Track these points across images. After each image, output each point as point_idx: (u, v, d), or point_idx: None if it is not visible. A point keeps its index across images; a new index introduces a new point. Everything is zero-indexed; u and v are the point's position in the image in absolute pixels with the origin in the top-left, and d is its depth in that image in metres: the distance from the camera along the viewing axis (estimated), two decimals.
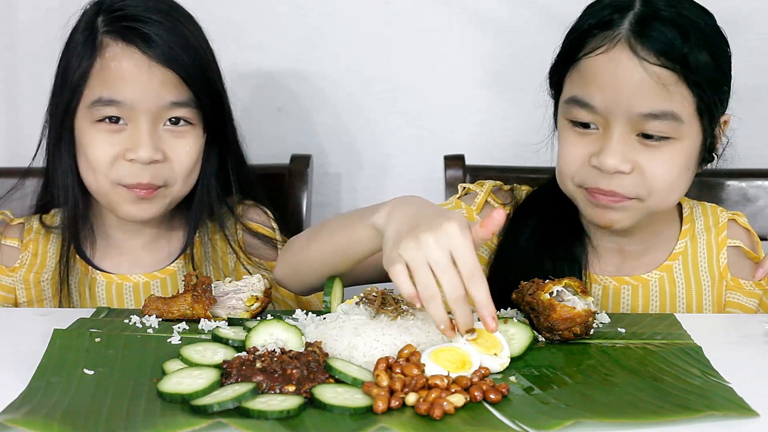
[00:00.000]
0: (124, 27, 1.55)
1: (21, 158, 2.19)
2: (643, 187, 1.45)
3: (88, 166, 1.57)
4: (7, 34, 2.16)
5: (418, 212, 1.26)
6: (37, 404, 1.06)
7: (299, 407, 1.04)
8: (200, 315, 1.36)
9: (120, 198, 1.57)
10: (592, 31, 1.46)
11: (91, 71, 1.55)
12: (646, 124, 1.42)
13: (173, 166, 1.58)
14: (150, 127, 1.55)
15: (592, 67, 1.45)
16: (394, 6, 2.13)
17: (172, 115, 1.57)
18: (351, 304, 1.27)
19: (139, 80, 1.54)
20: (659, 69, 1.41)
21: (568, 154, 1.49)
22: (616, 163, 1.43)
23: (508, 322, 1.28)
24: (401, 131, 2.19)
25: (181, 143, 1.58)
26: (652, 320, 1.38)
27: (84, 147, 1.56)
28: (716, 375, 1.16)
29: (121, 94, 1.53)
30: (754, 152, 2.13)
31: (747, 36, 2.09)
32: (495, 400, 1.07)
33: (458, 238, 1.17)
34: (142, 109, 1.54)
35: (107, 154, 1.55)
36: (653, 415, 1.04)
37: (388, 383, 1.08)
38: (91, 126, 1.55)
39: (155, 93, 1.54)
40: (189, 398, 1.06)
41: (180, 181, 1.59)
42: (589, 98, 1.45)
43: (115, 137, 1.55)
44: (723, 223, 1.63)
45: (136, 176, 1.55)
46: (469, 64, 2.14)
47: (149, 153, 1.54)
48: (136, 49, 1.54)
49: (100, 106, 1.54)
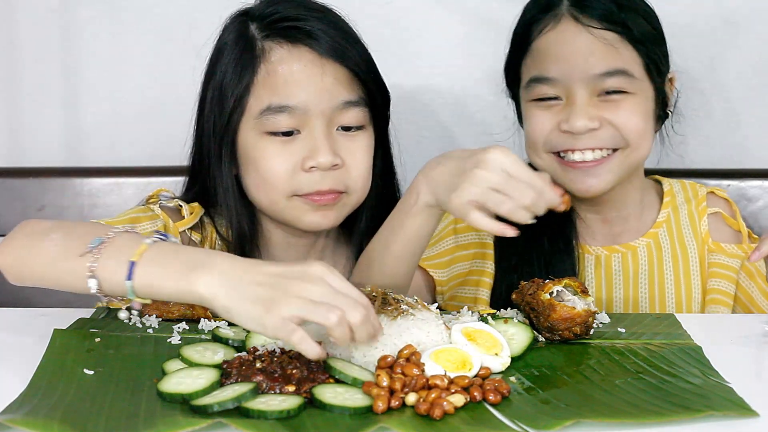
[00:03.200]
0: (285, 27, 1.48)
1: (21, 158, 2.20)
2: (618, 137, 1.57)
3: (260, 181, 1.48)
4: (7, 34, 2.16)
5: (455, 164, 1.33)
6: (37, 404, 1.06)
7: (299, 407, 1.04)
8: (200, 315, 1.36)
9: (299, 211, 1.49)
10: (535, 17, 1.61)
11: (255, 80, 1.47)
12: (603, 83, 1.55)
13: (350, 172, 1.50)
14: (325, 131, 1.47)
15: (543, 46, 1.59)
16: (394, 6, 2.13)
17: (345, 116, 1.49)
18: None
19: (311, 81, 1.46)
20: (604, 32, 1.55)
21: (536, 125, 1.60)
22: (584, 123, 1.55)
23: (508, 322, 1.28)
24: (401, 131, 2.19)
25: (356, 146, 1.50)
26: (652, 320, 1.38)
27: (255, 161, 1.48)
28: (716, 375, 1.16)
29: (293, 98, 1.46)
30: (754, 152, 2.14)
31: (747, 36, 2.09)
32: (495, 401, 1.07)
33: (504, 158, 1.28)
34: (316, 111, 1.46)
35: (283, 166, 1.47)
36: (653, 415, 1.04)
37: (388, 383, 1.08)
38: (260, 138, 1.47)
39: (328, 92, 1.47)
40: (189, 398, 1.06)
41: (359, 187, 1.52)
42: (546, 72, 1.58)
43: (289, 147, 1.47)
44: (702, 195, 1.75)
45: (317, 184, 1.47)
46: (469, 64, 2.14)
47: (329, 158, 1.46)
48: (304, 47, 1.47)
49: (270, 115, 1.46)
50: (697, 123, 2.06)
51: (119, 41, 2.15)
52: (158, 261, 1.16)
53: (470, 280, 1.72)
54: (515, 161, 1.29)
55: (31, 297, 1.90)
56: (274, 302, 1.08)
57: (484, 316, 1.32)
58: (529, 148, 1.65)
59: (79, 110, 2.19)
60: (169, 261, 1.16)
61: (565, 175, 1.60)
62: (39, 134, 2.20)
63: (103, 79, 2.17)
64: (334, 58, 1.48)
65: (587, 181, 1.58)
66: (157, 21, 2.13)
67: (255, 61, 1.47)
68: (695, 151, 2.10)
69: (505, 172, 1.28)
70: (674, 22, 1.67)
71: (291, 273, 1.11)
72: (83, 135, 2.18)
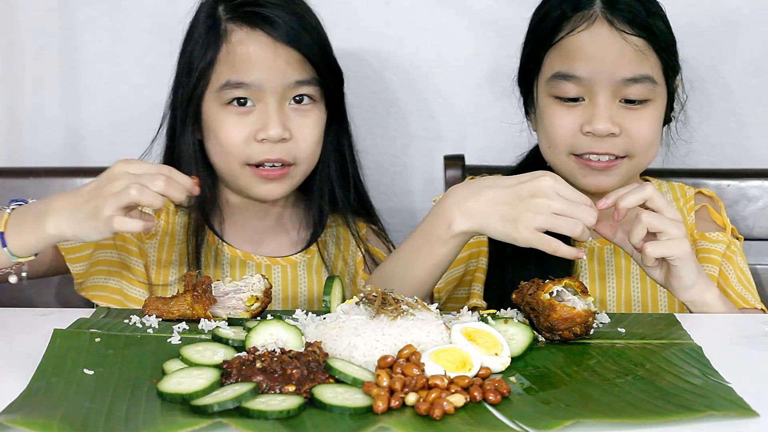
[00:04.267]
0: (247, 12, 1.62)
1: (21, 158, 2.20)
2: (630, 146, 1.62)
3: (219, 149, 1.64)
4: (7, 34, 2.16)
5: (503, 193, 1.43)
6: (37, 404, 1.06)
7: (299, 407, 1.04)
8: (200, 315, 1.36)
9: (249, 180, 1.64)
10: (566, 14, 1.63)
11: (218, 57, 1.62)
12: (627, 90, 1.60)
13: (299, 144, 1.64)
14: (277, 107, 1.62)
15: (575, 44, 1.61)
16: (394, 6, 2.14)
17: (297, 93, 1.63)
18: (351, 304, 1.27)
19: (265, 62, 1.61)
20: (635, 38, 1.59)
21: (560, 127, 1.64)
22: (607, 126, 1.59)
23: (508, 322, 1.28)
24: (401, 131, 2.19)
25: (306, 121, 1.65)
26: (652, 320, 1.38)
27: (215, 131, 1.63)
28: (716, 375, 1.16)
29: (249, 76, 1.60)
30: (754, 152, 2.14)
31: (747, 36, 2.09)
32: (495, 401, 1.07)
33: (557, 184, 1.40)
34: (269, 89, 1.61)
35: (239, 136, 1.62)
36: (653, 415, 1.04)
37: (388, 383, 1.08)
38: (220, 110, 1.62)
39: (281, 73, 1.61)
40: (189, 398, 1.06)
41: (306, 158, 1.66)
42: (574, 70, 1.61)
43: (244, 119, 1.62)
44: (690, 195, 1.79)
45: (267, 153, 1.62)
46: (469, 64, 2.15)
47: (279, 131, 1.60)
48: (261, 32, 1.61)
49: (229, 89, 1.61)
50: (697, 123, 2.06)
51: (119, 41, 2.15)
52: (18, 223, 1.43)
53: (465, 281, 1.75)
54: (566, 185, 1.41)
55: (32, 297, 1.91)
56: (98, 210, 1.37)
57: (484, 316, 1.32)
58: (548, 148, 1.67)
59: (79, 110, 2.19)
60: (24, 219, 1.43)
61: (580, 172, 1.64)
62: (39, 134, 2.20)
63: (103, 79, 2.17)
64: (287, 43, 1.62)
65: (601, 179, 1.63)
66: (156, 21, 2.13)
67: (219, 40, 1.63)
68: (695, 151, 2.10)
69: (561, 196, 1.39)
70: (674, 22, 1.67)
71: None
72: (83, 135, 2.19)
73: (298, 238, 1.76)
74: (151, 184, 1.36)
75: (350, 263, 1.77)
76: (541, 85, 1.66)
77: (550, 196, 1.39)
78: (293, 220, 1.77)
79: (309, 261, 1.74)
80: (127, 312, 1.39)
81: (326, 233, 1.77)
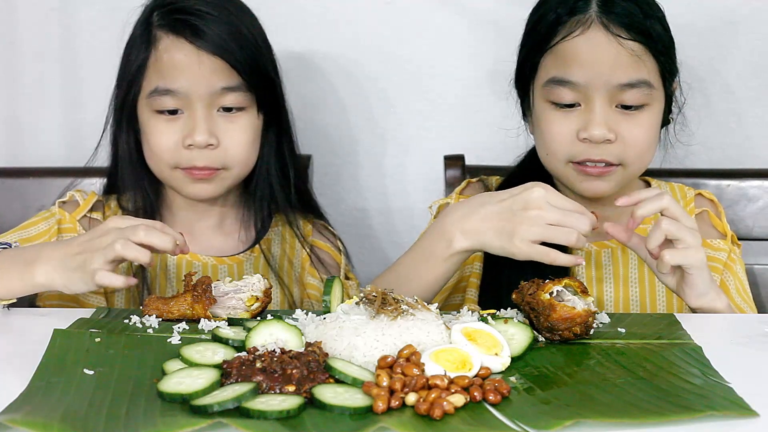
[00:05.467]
0: (175, 20, 1.64)
1: (21, 158, 2.20)
2: (625, 153, 1.60)
3: (150, 153, 1.67)
4: (7, 33, 2.16)
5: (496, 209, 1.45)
6: (37, 404, 1.06)
7: (299, 407, 1.04)
8: (200, 315, 1.36)
9: (180, 181, 1.67)
10: (561, 18, 1.61)
11: (148, 63, 1.65)
12: (623, 95, 1.58)
13: (227, 150, 1.65)
14: (205, 113, 1.63)
15: (570, 49, 1.59)
16: (394, 6, 2.14)
17: (225, 99, 1.64)
18: (351, 304, 1.27)
19: (189, 69, 1.62)
20: (631, 42, 1.57)
21: (557, 134, 1.62)
22: (603, 132, 1.57)
23: (508, 322, 1.28)
24: (401, 131, 2.19)
25: (235, 127, 1.66)
26: (652, 320, 1.38)
27: (146, 135, 1.66)
28: (716, 375, 1.16)
29: (175, 83, 1.62)
30: (754, 152, 2.14)
31: (747, 36, 2.09)
32: (495, 401, 1.07)
33: (547, 194, 1.42)
34: (196, 96, 1.63)
35: (168, 142, 1.64)
36: (653, 415, 1.04)
37: (388, 383, 1.08)
38: (151, 116, 1.65)
39: (206, 80, 1.63)
40: (189, 398, 1.06)
41: (238, 163, 1.67)
42: (569, 76, 1.59)
43: (173, 125, 1.64)
44: (690, 197, 1.77)
45: (193, 160, 1.64)
46: (469, 64, 2.15)
47: (205, 137, 1.62)
48: (184, 40, 1.63)
49: (157, 96, 1.63)
50: (697, 123, 2.06)
51: (119, 41, 2.15)
52: (6, 267, 1.43)
53: (460, 287, 1.75)
54: (557, 195, 1.43)
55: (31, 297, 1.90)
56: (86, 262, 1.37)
57: (484, 316, 1.32)
58: (545, 155, 1.65)
59: (79, 110, 2.19)
60: (11, 264, 1.43)
61: (577, 179, 1.63)
62: (39, 134, 2.21)
63: (103, 79, 2.16)
64: (211, 52, 1.63)
65: (597, 185, 1.62)
66: None
67: (149, 47, 1.66)
68: (695, 151, 2.10)
69: (553, 206, 1.41)
70: (674, 22, 1.67)
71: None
72: (83, 135, 2.18)
73: (241, 238, 1.77)
74: (133, 235, 1.37)
75: (296, 262, 1.78)
76: (537, 89, 1.65)
77: (543, 207, 1.41)
78: (236, 221, 1.78)
79: (255, 260, 1.74)
80: (127, 312, 1.39)
81: (271, 232, 1.78)
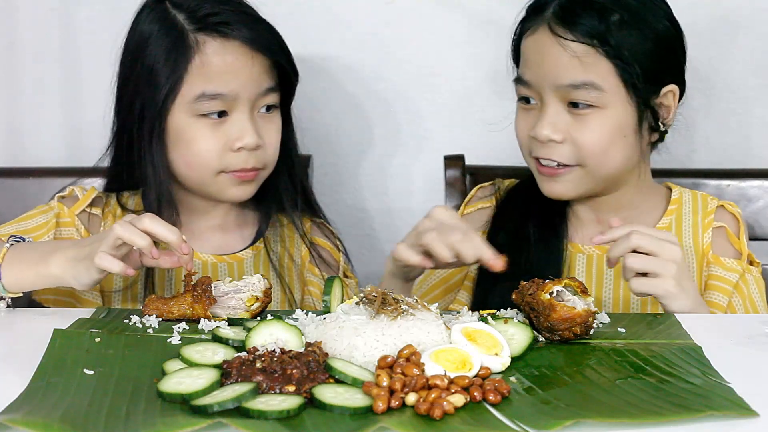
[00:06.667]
0: (217, 22, 1.61)
1: (21, 158, 2.20)
2: (578, 154, 1.59)
3: (191, 159, 1.63)
4: (7, 34, 2.16)
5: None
6: (37, 404, 1.06)
7: (299, 407, 1.04)
8: (200, 315, 1.36)
9: (222, 185, 1.65)
10: (528, 16, 1.65)
11: (189, 68, 1.60)
12: (571, 94, 1.57)
13: (267, 150, 1.66)
14: (250, 115, 1.63)
15: (525, 48, 1.65)
16: (394, 6, 2.13)
17: (267, 99, 1.65)
18: (351, 304, 1.27)
19: (242, 71, 1.61)
20: (574, 44, 1.56)
21: (519, 130, 1.66)
22: (548, 132, 1.59)
23: (508, 322, 1.28)
24: (401, 131, 2.19)
25: (272, 126, 1.67)
26: (652, 320, 1.38)
27: (187, 142, 1.62)
28: (716, 375, 1.16)
29: (225, 86, 1.60)
30: (754, 152, 2.14)
31: (747, 36, 2.09)
32: (495, 401, 1.07)
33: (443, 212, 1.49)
34: (243, 98, 1.62)
35: (216, 146, 1.62)
36: (653, 415, 1.04)
37: (388, 383, 1.08)
38: (192, 121, 1.62)
39: (256, 81, 1.63)
40: (189, 398, 1.06)
41: (272, 162, 1.69)
42: (523, 74, 1.63)
43: (218, 129, 1.62)
44: (711, 209, 1.72)
45: (244, 162, 1.63)
46: (469, 64, 2.15)
47: (255, 139, 1.62)
48: (237, 41, 1.61)
49: (205, 101, 1.60)
50: (697, 123, 2.06)
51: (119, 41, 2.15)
52: (20, 259, 1.44)
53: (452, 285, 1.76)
54: (452, 215, 1.50)
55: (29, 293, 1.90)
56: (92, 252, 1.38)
57: (484, 316, 1.32)
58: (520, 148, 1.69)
59: (79, 110, 2.19)
60: (26, 256, 1.45)
61: (538, 176, 1.65)
62: (39, 134, 2.20)
63: (103, 79, 2.16)
64: (261, 50, 1.62)
65: (551, 185, 1.64)
66: None
67: (189, 52, 1.60)
68: (696, 151, 2.10)
69: (440, 221, 1.47)
70: None
71: (101, 233, 1.47)
72: (83, 135, 2.18)
73: (242, 236, 1.76)
74: (137, 222, 1.38)
75: (297, 259, 1.77)
76: None
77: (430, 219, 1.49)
78: (237, 219, 1.77)
79: (256, 258, 1.74)
80: (127, 312, 1.39)
81: (270, 230, 1.77)
